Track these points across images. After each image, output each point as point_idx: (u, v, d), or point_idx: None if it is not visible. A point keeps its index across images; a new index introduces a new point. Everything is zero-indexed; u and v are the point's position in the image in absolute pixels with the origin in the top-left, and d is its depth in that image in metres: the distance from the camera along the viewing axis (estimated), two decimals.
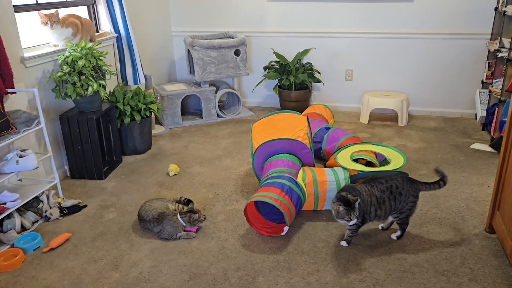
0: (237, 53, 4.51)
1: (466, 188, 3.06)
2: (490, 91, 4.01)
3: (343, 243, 2.45)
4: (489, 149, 3.68)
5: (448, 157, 3.58)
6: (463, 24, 4.28)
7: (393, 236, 2.51)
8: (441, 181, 2.38)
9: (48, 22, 3.08)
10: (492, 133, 3.83)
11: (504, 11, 3.65)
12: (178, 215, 2.54)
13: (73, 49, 3.09)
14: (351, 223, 2.26)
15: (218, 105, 5.03)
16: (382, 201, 2.33)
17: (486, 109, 4.12)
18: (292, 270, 2.27)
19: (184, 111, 4.86)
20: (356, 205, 2.22)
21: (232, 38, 4.68)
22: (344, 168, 2.82)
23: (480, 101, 4.24)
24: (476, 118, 4.47)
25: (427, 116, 4.63)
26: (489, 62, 4.14)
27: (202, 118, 4.61)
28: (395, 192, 2.34)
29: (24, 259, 2.39)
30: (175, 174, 3.38)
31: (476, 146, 3.78)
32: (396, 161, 2.91)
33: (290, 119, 3.08)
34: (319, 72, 4.79)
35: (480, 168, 3.37)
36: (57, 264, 2.36)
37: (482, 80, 4.25)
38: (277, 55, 4.70)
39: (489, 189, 3.03)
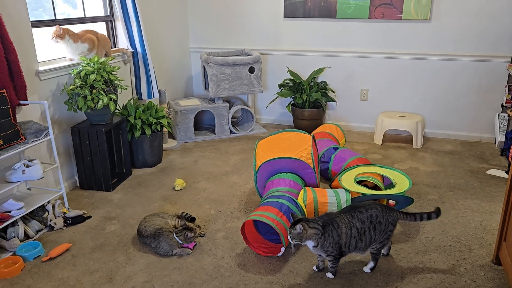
0: (251, 70, 4.54)
1: (476, 216, 2.94)
2: (509, 116, 3.88)
3: (329, 275, 2.34)
4: (506, 175, 3.54)
5: (461, 182, 3.46)
6: (483, 46, 4.17)
7: (366, 269, 2.38)
8: (422, 215, 2.31)
9: (55, 36, 3.17)
10: (510, 159, 3.68)
11: None
12: (174, 233, 2.54)
13: (86, 64, 3.19)
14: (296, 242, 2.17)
15: (233, 121, 5.06)
16: (363, 232, 2.23)
17: (505, 134, 3.98)
18: None
19: (199, 126, 4.91)
20: (294, 230, 2.15)
21: (248, 55, 4.72)
22: (347, 190, 2.77)
23: (499, 125, 4.10)
24: (495, 143, 4.32)
25: (444, 139, 4.51)
26: (509, 86, 4.01)
27: (215, 133, 4.64)
28: (375, 221, 2.23)
29: (23, 267, 2.44)
30: (181, 189, 3.40)
31: (492, 172, 3.64)
32: (402, 184, 2.84)
33: (295, 138, 3.06)
34: (333, 91, 4.76)
35: (494, 195, 3.23)
36: (54, 274, 2.39)
37: (502, 103, 4.12)
38: (292, 73, 4.70)
39: None
